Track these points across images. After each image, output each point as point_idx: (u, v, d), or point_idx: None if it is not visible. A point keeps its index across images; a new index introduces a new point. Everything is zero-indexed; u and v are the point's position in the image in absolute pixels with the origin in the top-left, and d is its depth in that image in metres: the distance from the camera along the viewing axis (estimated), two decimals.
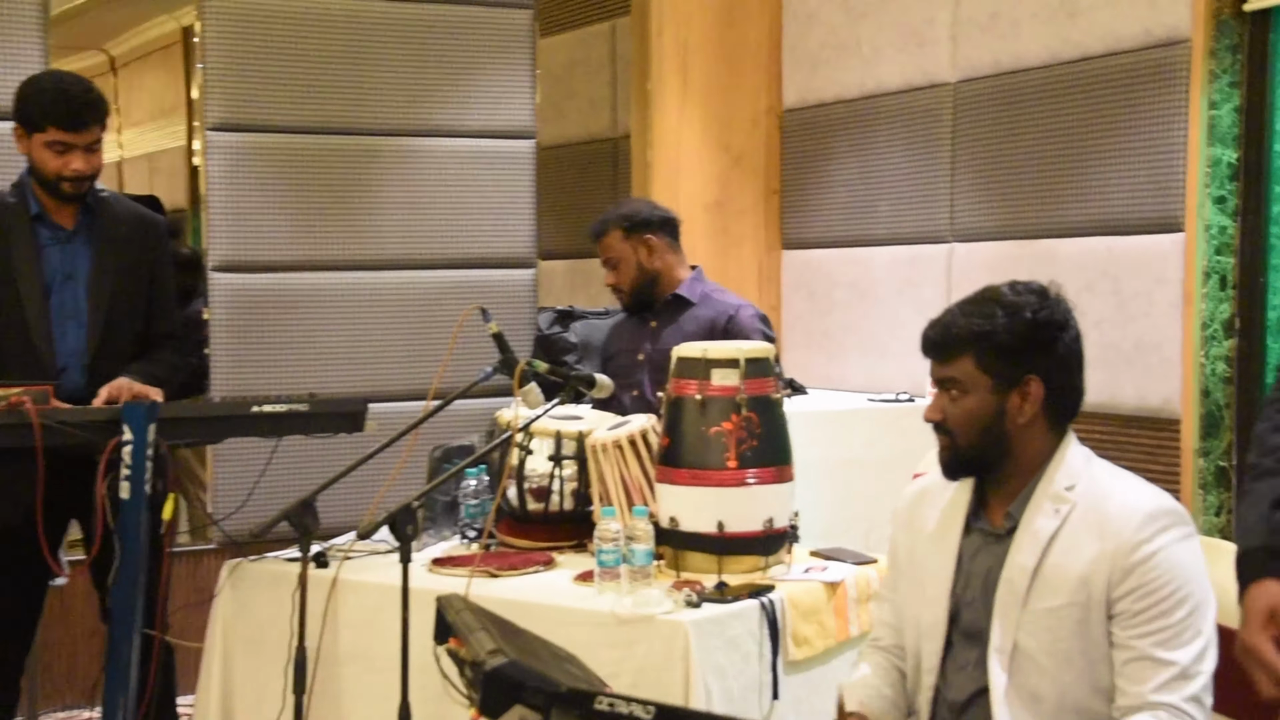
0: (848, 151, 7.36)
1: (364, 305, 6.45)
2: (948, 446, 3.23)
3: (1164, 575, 3.01)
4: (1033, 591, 3.12)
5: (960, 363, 3.18)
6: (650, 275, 5.59)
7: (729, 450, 4.09)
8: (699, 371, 4.17)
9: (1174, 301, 5.83)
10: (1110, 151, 6.08)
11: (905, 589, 3.42)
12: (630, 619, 3.80)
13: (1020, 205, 6.47)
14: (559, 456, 4.44)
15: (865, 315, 7.22)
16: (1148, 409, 5.95)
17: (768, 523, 4.14)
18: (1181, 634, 2.99)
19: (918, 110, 6.99)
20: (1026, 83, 6.45)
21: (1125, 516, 3.08)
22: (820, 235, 7.54)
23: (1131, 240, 6.01)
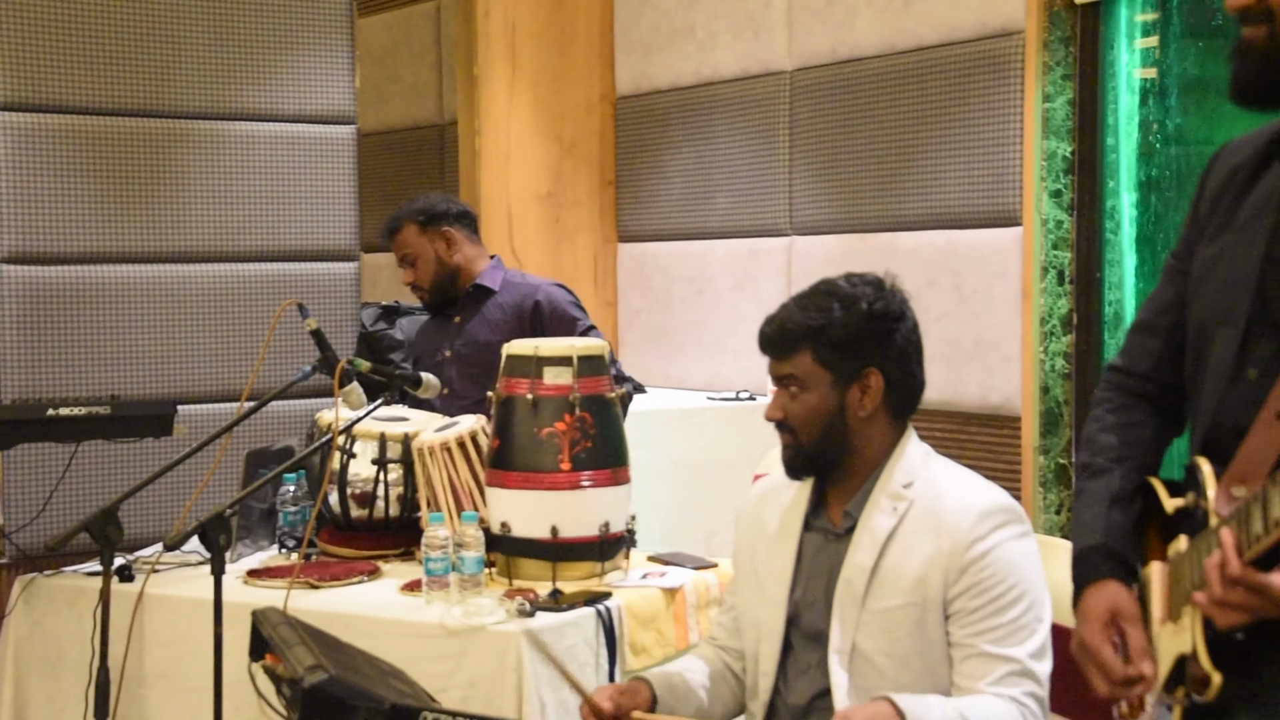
0: (684, 141, 7.37)
1: (171, 300, 6.18)
2: (790, 445, 3.22)
3: (999, 573, 3.06)
4: (871, 591, 3.13)
5: (798, 358, 3.18)
6: (450, 270, 5.52)
7: (562, 452, 4.05)
8: (530, 370, 4.12)
9: (1013, 297, 5.90)
10: (948, 143, 6.15)
11: (746, 591, 3.39)
12: (460, 630, 3.74)
13: (860, 198, 6.51)
14: (384, 460, 4.37)
15: (704, 311, 7.23)
16: (989, 406, 6.01)
17: (603, 527, 4.09)
18: (1017, 631, 3.04)
19: (754, 99, 6.99)
20: (863, 72, 6.48)
21: (960, 515, 3.11)
22: (657, 228, 7.54)
23: (970, 234, 6.06)
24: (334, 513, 4.37)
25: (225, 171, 6.21)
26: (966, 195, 6.05)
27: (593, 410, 4.10)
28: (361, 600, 3.98)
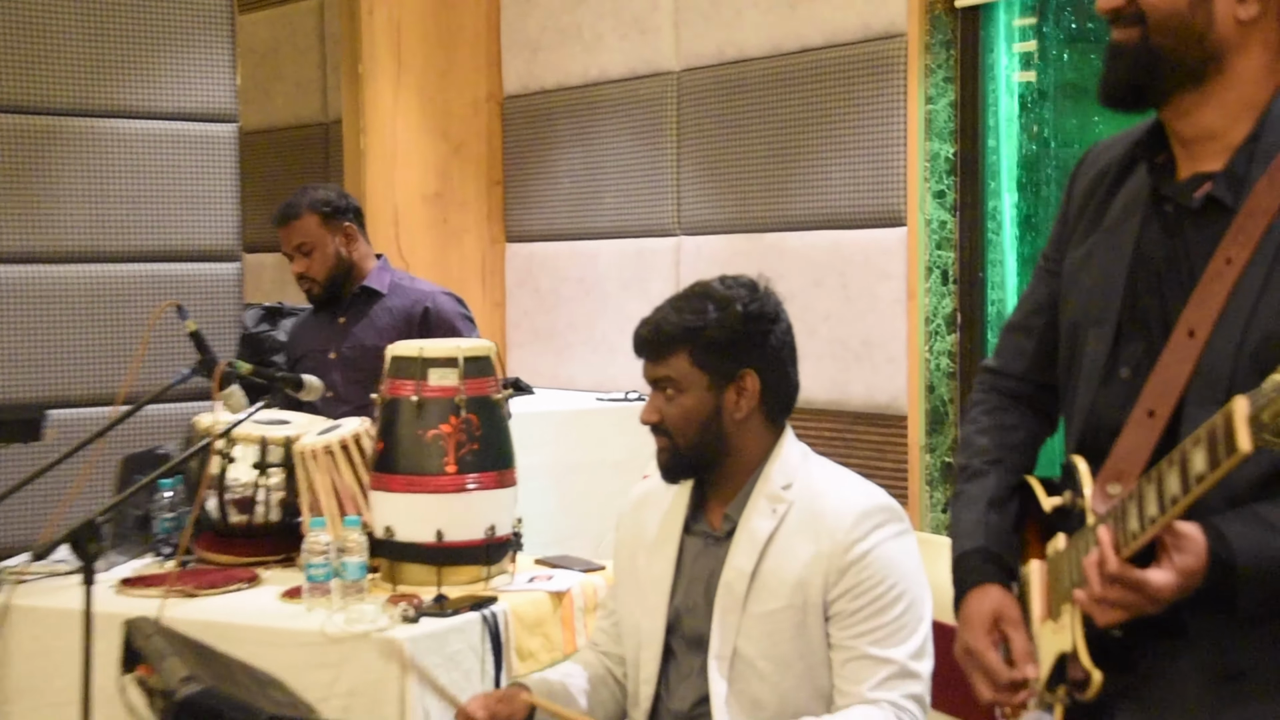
0: (571, 141, 7.38)
1: (42, 301, 6.07)
2: (667, 448, 3.22)
3: (879, 573, 3.08)
4: (751, 595, 3.14)
5: (674, 361, 3.18)
6: (346, 267, 5.41)
7: (448, 455, 4.01)
8: (415, 371, 4.07)
9: (898, 297, 5.95)
10: (833, 144, 6.19)
11: (626, 597, 3.40)
12: (341, 637, 3.68)
13: (747, 198, 6.54)
14: (264, 464, 4.28)
15: (592, 311, 7.25)
16: (875, 405, 6.06)
17: (489, 530, 4.05)
18: (897, 632, 3.06)
19: (642, 99, 7.01)
20: (750, 73, 6.52)
21: (839, 515, 3.12)
22: (545, 228, 7.55)
23: (856, 234, 6.11)
24: (212, 519, 4.28)
25: (100, 169, 6.12)
26: (852, 196, 6.09)
27: (479, 412, 4.05)
28: (240, 608, 3.90)
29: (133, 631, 2.88)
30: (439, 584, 3.94)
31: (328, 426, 4.36)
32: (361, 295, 5.42)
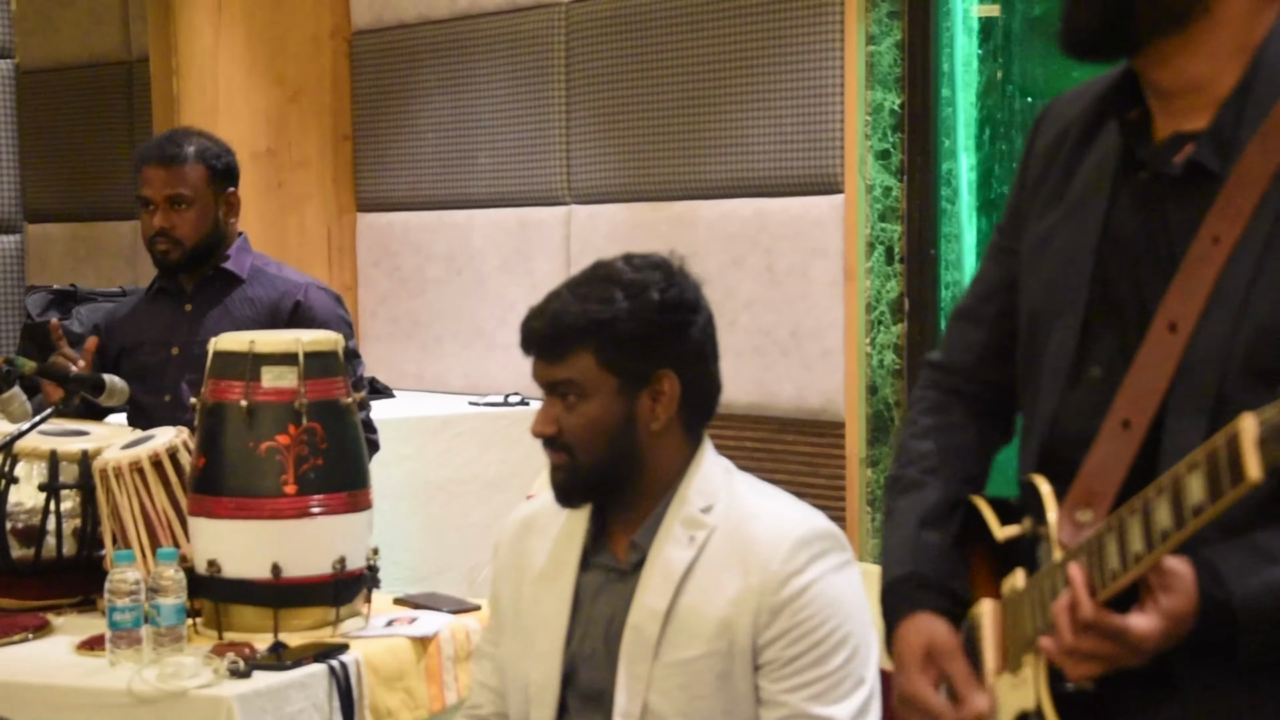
0: (438, 87, 7.40)
1: None
2: (564, 466, 3.19)
3: (819, 614, 3.10)
4: (665, 640, 3.13)
5: (576, 360, 3.17)
6: (219, 238, 5.28)
7: (286, 471, 3.97)
8: (245, 370, 4.01)
9: (834, 279, 6.01)
10: (756, 94, 6.25)
11: (510, 643, 3.37)
12: (155, 696, 3.62)
13: (652, 158, 6.59)
14: (55, 485, 4.21)
15: (465, 295, 7.28)
16: (808, 410, 6.10)
17: (338, 564, 4.00)
18: (840, 684, 3.09)
19: (524, 35, 7.04)
20: (655, 6, 6.53)
21: (772, 544, 3.12)
22: (406, 195, 7.57)
23: (784, 203, 6.16)
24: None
25: None
26: (778, 157, 6.13)
27: (324, 419, 4.01)
28: (28, 663, 3.82)
29: None
30: (276, 630, 3.89)
31: (136, 438, 4.28)
32: (216, 279, 5.29)
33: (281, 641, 3.82)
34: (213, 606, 3.97)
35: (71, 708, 3.58)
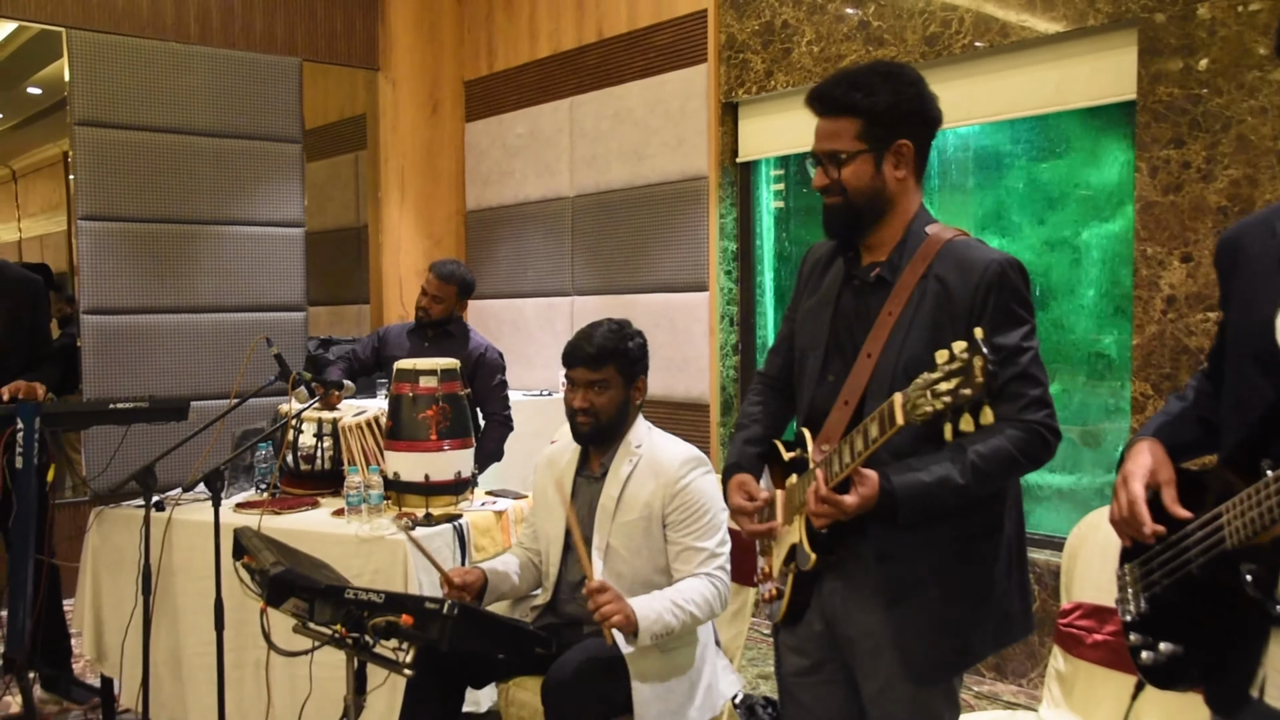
0: (509, 237, 7.27)
1: (186, 337, 6.14)
2: (595, 426, 3.19)
3: (694, 496, 3.11)
4: (618, 511, 3.16)
5: (606, 370, 3.16)
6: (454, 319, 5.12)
7: (431, 428, 3.97)
8: (411, 379, 4.02)
9: (704, 332, 5.96)
10: (662, 241, 6.16)
11: (541, 514, 3.38)
12: (369, 539, 3.68)
13: (615, 272, 6.50)
14: (320, 434, 4.25)
15: (523, 343, 7.11)
16: (691, 398, 6.06)
17: (457, 474, 4.02)
18: (707, 531, 3.09)
19: (550, 214, 6.96)
20: (614, 198, 6.49)
21: (670, 462, 3.15)
22: (494, 289, 7.38)
23: (679, 295, 6.11)
24: (290, 467, 4.26)
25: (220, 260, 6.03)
26: (676, 274, 6.08)
27: (450, 403, 4.01)
28: (307, 521, 3.88)
29: (240, 535, 2.88)
30: (427, 507, 3.94)
31: (359, 409, 4.33)
32: (444, 335, 5.08)
33: (430, 512, 3.86)
34: (396, 495, 4.01)
35: (329, 544, 3.62)
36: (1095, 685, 3.06)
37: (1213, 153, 4.01)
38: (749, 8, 5.66)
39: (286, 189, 6.54)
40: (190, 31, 6.39)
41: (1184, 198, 4.08)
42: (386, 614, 2.49)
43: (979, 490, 2.20)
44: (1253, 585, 1.68)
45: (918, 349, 2.22)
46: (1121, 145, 4.57)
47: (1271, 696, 1.71)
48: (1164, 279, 4.16)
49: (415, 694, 3.05)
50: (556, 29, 6.87)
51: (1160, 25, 4.15)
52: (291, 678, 3.68)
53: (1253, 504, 1.66)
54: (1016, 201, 5.03)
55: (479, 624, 2.68)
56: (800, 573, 2.39)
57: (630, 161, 6.36)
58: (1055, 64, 4.59)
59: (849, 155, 2.29)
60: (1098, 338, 4.75)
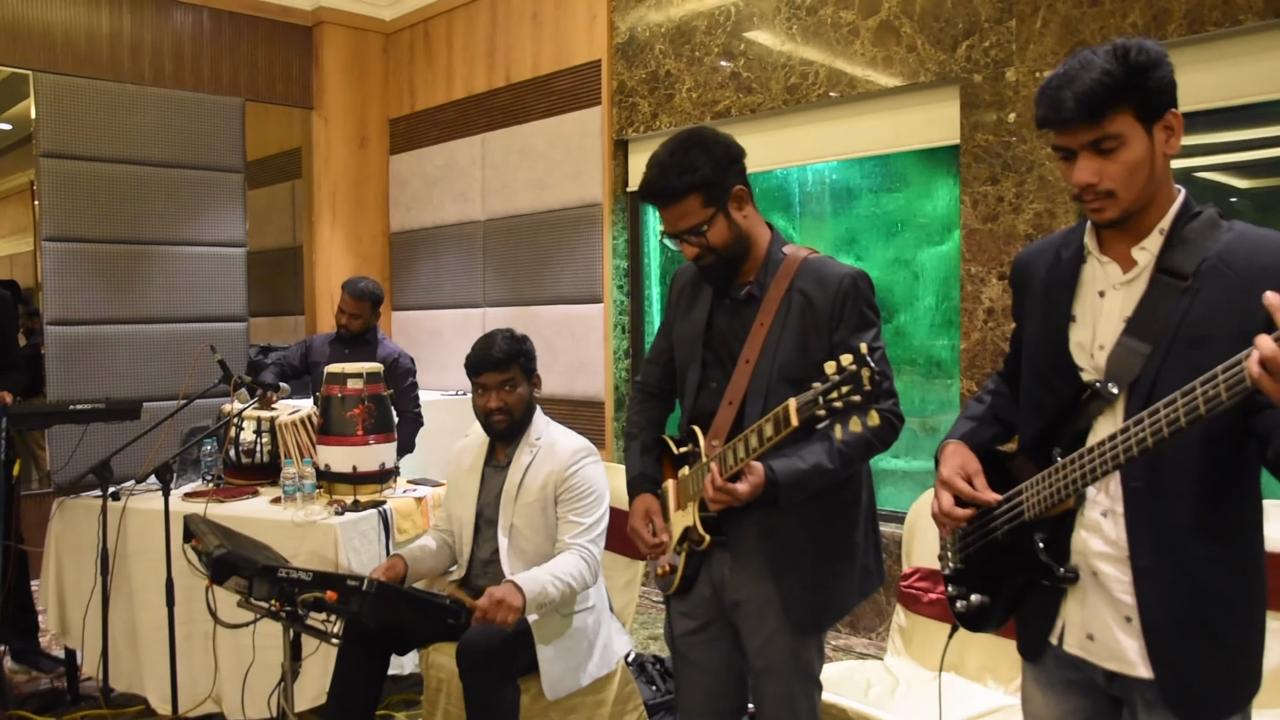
0: (428, 256, 7.17)
1: (139, 345, 5.97)
2: (505, 420, 3.16)
3: (582, 481, 3.11)
4: (519, 494, 3.14)
5: (512, 370, 3.13)
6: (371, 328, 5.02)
7: (358, 425, 3.93)
8: (340, 381, 3.97)
9: (599, 340, 5.96)
10: (561, 260, 6.13)
11: (453, 499, 3.34)
12: (303, 523, 3.64)
13: (523, 286, 6.46)
14: (260, 430, 4.19)
15: (440, 350, 7.05)
16: (588, 397, 6.04)
17: (381, 465, 3.99)
18: (588, 510, 3.10)
19: (464, 235, 6.89)
20: (521, 222, 6.45)
21: (564, 451, 3.14)
22: (414, 301, 7.27)
23: (578, 307, 6.09)
24: (232, 460, 4.18)
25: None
26: (575, 288, 6.06)
27: (375, 402, 3.96)
28: (248, 509, 3.81)
29: (189, 521, 2.84)
30: (355, 495, 3.89)
31: (294, 408, 4.26)
32: (363, 344, 5.00)
33: (358, 500, 3.82)
34: (327, 484, 3.96)
35: (268, 529, 3.55)
36: (930, 636, 3.16)
37: (1021, 189, 4.16)
38: (637, 58, 5.71)
39: (230, 213, 6.44)
40: (144, 74, 6.27)
41: (999, 226, 4.23)
42: (314, 590, 2.49)
43: (844, 472, 2.25)
44: (1044, 551, 1.75)
45: (789, 354, 2.25)
46: (949, 182, 4.70)
47: (1069, 643, 1.77)
48: (985, 294, 4.30)
49: (345, 660, 3.02)
50: (470, 74, 6.83)
51: (977, 84, 4.29)
52: (236, 648, 3.61)
53: (1046, 484, 1.72)
54: (865, 227, 5.14)
55: (394, 598, 2.67)
56: (693, 551, 2.40)
57: (535, 190, 6.34)
58: (894, 113, 4.71)
59: (707, 223, 2.27)
60: (933, 343, 4.88)
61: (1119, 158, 1.59)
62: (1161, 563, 1.63)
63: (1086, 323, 1.73)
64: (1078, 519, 1.73)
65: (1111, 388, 1.65)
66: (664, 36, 5.56)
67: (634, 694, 3.27)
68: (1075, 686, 1.81)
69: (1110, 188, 1.60)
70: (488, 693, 2.82)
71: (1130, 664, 1.68)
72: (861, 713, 2.72)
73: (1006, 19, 4.18)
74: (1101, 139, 1.58)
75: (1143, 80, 1.56)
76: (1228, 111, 3.78)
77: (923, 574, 3.25)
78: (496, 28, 6.61)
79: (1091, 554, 1.71)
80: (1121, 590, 1.68)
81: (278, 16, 6.92)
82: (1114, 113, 1.57)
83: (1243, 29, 3.61)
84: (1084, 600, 1.73)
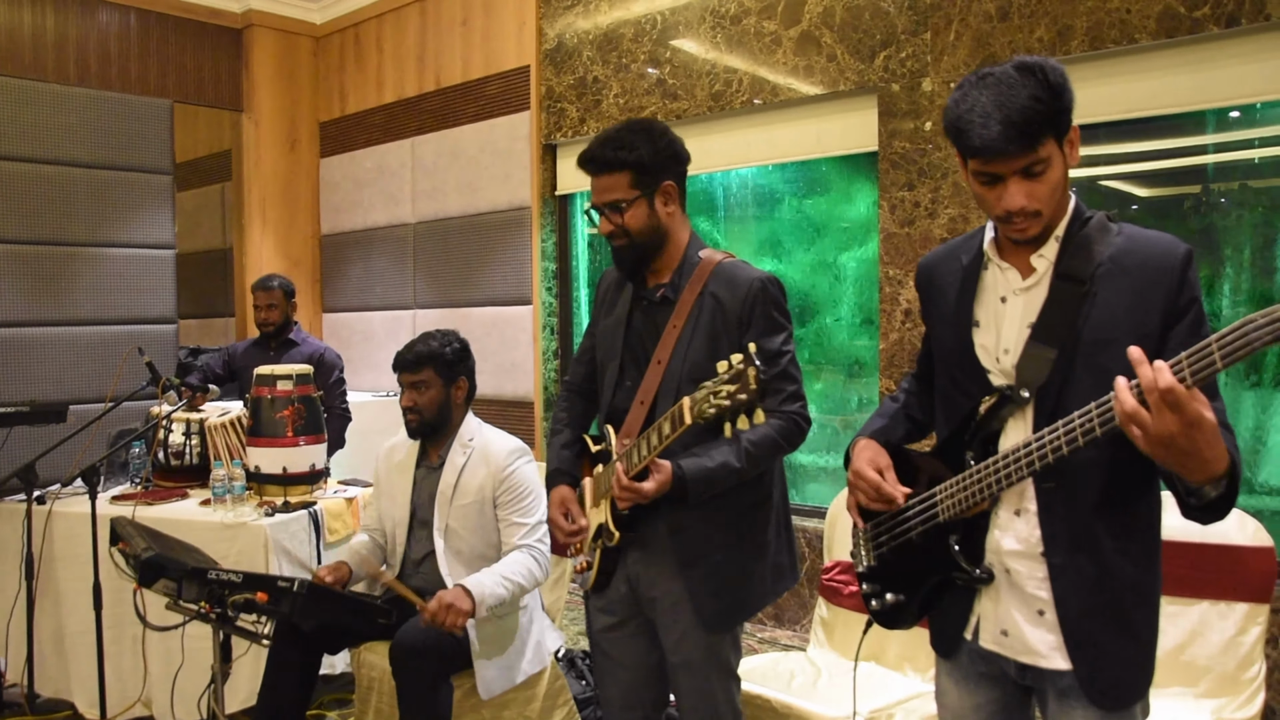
0: (359, 258, 7.12)
1: (66, 347, 5.79)
2: (417, 420, 3.15)
3: (519, 482, 3.10)
4: (455, 496, 3.12)
5: (425, 372, 3.12)
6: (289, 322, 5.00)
7: (288, 426, 3.89)
8: (269, 383, 3.93)
9: (528, 341, 5.96)
10: (491, 263, 6.11)
11: (383, 500, 3.31)
12: (233, 525, 3.59)
13: (450, 288, 6.43)
14: (189, 432, 4.11)
15: (371, 351, 6.97)
16: (518, 397, 6.04)
17: (311, 466, 3.94)
18: (529, 509, 3.09)
19: (395, 238, 6.84)
20: (451, 225, 6.42)
21: (499, 452, 3.13)
22: (346, 303, 7.24)
23: (508, 309, 6.09)
24: (161, 462, 4.10)
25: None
26: (504, 290, 6.05)
27: (305, 403, 3.92)
28: (178, 511, 3.74)
29: (116, 524, 2.78)
30: (285, 496, 3.84)
31: (224, 410, 4.18)
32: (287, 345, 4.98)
33: (288, 500, 3.78)
34: (258, 485, 3.90)
35: (198, 530, 3.50)
36: (851, 628, 3.21)
37: (936, 195, 4.24)
38: (565, 65, 5.71)
39: (158, 215, 6.28)
40: (70, 74, 6.13)
41: (916, 230, 4.30)
42: (245, 592, 2.46)
43: (751, 471, 2.25)
44: (959, 552, 1.77)
45: (699, 355, 2.26)
46: (869, 187, 4.77)
47: (984, 639, 1.80)
48: (902, 295, 4.38)
49: (276, 661, 3.00)
50: (401, 78, 6.77)
51: (895, 93, 4.36)
52: (166, 650, 3.55)
53: (961, 488, 1.74)
54: (788, 231, 5.19)
55: (325, 599, 2.65)
56: (607, 547, 2.40)
57: (464, 193, 6.31)
58: (816, 120, 4.77)
59: (628, 202, 2.30)
60: (854, 343, 4.95)
61: (1046, 179, 1.61)
62: (1076, 558, 1.66)
63: (990, 327, 1.75)
64: (991, 519, 1.75)
65: (1023, 393, 1.67)
66: (592, 43, 5.56)
67: (564, 689, 3.27)
68: (987, 679, 1.83)
69: (1037, 209, 1.62)
70: (420, 691, 2.81)
71: (1043, 657, 1.71)
72: (784, 703, 2.75)
73: (922, 31, 4.25)
74: (1033, 164, 1.59)
75: (1061, 102, 1.58)
76: (1129, 124, 3.89)
77: (843, 567, 3.29)
78: (427, 33, 6.57)
79: (1005, 553, 1.73)
80: (1034, 586, 1.71)
81: (206, 18, 6.80)
82: (1043, 138, 1.58)
83: (1138, 47, 3.72)
84: (997, 597, 1.76)
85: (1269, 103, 3.63)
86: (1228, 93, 3.60)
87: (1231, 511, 1.52)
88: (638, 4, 5.36)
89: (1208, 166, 3.84)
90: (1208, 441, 1.39)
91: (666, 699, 2.52)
